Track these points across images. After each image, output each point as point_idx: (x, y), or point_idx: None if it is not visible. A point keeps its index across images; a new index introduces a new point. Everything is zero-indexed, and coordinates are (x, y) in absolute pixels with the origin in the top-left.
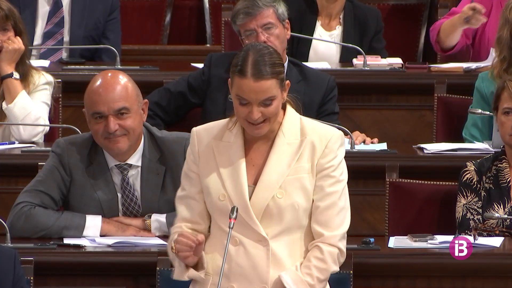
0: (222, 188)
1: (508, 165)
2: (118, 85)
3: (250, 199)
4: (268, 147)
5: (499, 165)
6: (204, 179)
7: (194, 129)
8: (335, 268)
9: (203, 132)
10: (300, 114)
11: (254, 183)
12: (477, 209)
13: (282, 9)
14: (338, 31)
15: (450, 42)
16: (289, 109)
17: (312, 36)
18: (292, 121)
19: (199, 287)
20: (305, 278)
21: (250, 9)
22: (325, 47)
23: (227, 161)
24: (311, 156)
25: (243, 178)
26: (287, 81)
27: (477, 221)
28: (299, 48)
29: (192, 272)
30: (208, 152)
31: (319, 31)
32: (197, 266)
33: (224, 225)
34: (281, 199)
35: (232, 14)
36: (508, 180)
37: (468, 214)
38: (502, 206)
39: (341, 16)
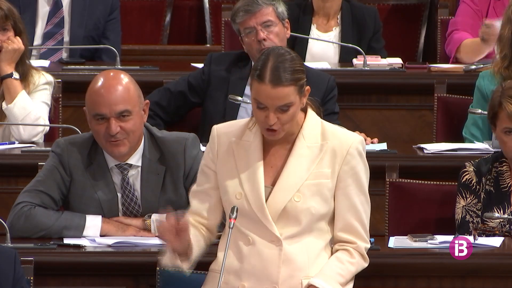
0: (239, 186)
1: (508, 169)
2: (120, 86)
3: (267, 199)
4: (287, 149)
5: (499, 168)
6: (222, 177)
7: (215, 126)
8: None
9: (224, 131)
10: (320, 117)
11: (272, 184)
12: (477, 211)
13: (281, 8)
14: (335, 32)
15: (470, 61)
16: (310, 112)
17: (307, 39)
18: (313, 124)
19: (210, 285)
20: (336, 276)
21: (249, 7)
22: (321, 49)
23: (245, 160)
24: (332, 162)
25: (260, 178)
26: (307, 87)
27: (476, 223)
28: (295, 50)
29: (175, 261)
30: (227, 151)
31: (315, 33)
32: (183, 256)
33: (238, 223)
34: (298, 203)
35: (232, 13)
36: (509, 184)
37: (468, 217)
38: (502, 211)
39: (338, 16)
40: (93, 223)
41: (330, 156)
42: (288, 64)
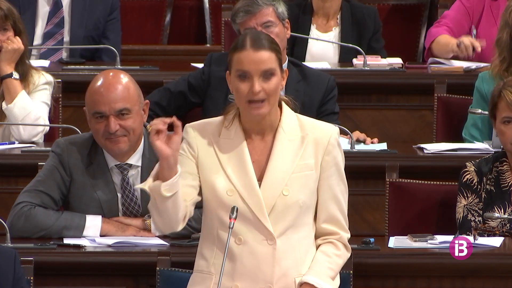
0: (229, 183)
1: (509, 168)
2: (120, 85)
3: None
4: (268, 143)
5: (499, 167)
6: (207, 174)
7: (188, 125)
8: (345, 260)
9: (199, 128)
10: (297, 112)
11: (258, 179)
12: (478, 210)
13: (282, 8)
14: (335, 32)
15: (441, 56)
16: (285, 106)
17: (307, 39)
18: (290, 118)
19: (200, 287)
20: (327, 271)
21: (249, 8)
22: (321, 49)
23: (230, 157)
24: (314, 153)
25: (252, 174)
26: (285, 69)
27: (478, 222)
28: (294, 50)
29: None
30: (207, 147)
31: (315, 33)
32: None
33: (227, 221)
34: (287, 197)
35: (232, 13)
36: (509, 183)
37: (469, 216)
38: (502, 210)
39: (338, 16)
40: (93, 223)
41: (312, 148)
42: (264, 36)
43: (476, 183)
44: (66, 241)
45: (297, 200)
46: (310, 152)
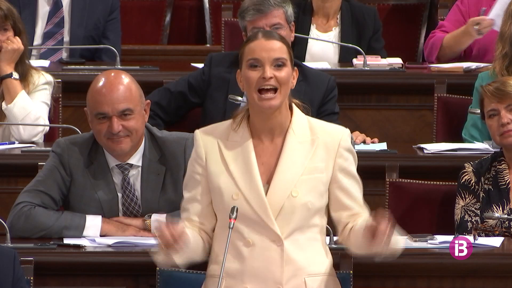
0: (235, 187)
1: (507, 167)
2: (122, 85)
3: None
4: (278, 146)
5: (497, 166)
6: (214, 179)
7: (197, 130)
8: None
9: (207, 133)
10: (309, 115)
11: (267, 182)
12: (475, 210)
13: (290, 11)
14: (335, 32)
15: (455, 53)
16: (296, 109)
17: (307, 39)
18: (300, 120)
19: None
20: None
21: (261, 7)
22: (321, 49)
23: (236, 160)
24: (325, 156)
25: (257, 176)
26: (296, 69)
27: (475, 222)
28: (294, 50)
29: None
30: (215, 152)
31: (314, 33)
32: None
33: (235, 224)
34: (296, 198)
35: (241, 9)
36: (507, 181)
37: (466, 216)
38: (501, 208)
39: (338, 16)
40: (93, 223)
41: (323, 151)
42: (276, 32)
43: (473, 184)
44: (66, 241)
45: (306, 202)
46: (321, 155)
